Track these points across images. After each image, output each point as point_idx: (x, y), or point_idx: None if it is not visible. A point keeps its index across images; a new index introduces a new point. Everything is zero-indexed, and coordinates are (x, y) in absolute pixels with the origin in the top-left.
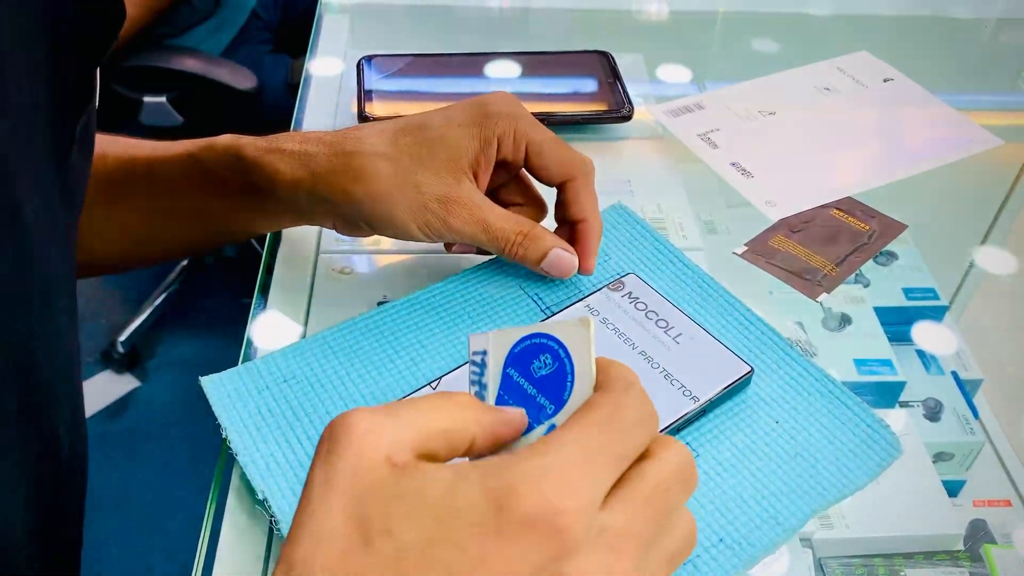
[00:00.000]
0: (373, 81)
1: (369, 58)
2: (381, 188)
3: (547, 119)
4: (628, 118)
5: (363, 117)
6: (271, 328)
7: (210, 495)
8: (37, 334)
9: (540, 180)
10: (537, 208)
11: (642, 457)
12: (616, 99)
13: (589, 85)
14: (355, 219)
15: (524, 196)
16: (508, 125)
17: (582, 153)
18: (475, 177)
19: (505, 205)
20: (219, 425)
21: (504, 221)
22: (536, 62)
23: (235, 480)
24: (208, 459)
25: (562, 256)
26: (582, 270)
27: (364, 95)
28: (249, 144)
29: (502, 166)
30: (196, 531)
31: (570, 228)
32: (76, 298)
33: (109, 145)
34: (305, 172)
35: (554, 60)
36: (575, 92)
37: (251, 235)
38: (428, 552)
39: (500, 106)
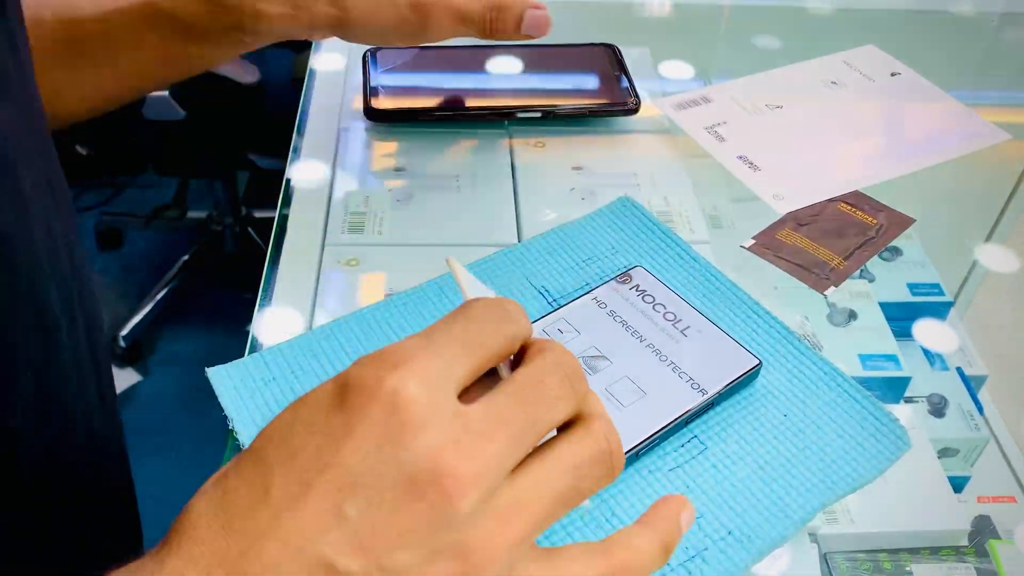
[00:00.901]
0: (379, 75)
1: (374, 52)
2: (362, 11)
3: (553, 112)
4: (635, 111)
5: (369, 111)
6: (277, 320)
7: None
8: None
9: None
10: None
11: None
12: (622, 92)
13: (595, 79)
14: (334, 34)
15: None
16: None
17: None
18: None
19: None
20: (225, 416)
21: (474, 3)
22: (542, 55)
23: None
24: (210, 454)
25: (535, 15)
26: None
27: (370, 90)
28: None
29: None
30: None
31: None
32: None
33: (37, 6)
34: (291, 8)
35: (560, 53)
36: (581, 86)
37: (224, 62)
38: (285, 435)
39: None
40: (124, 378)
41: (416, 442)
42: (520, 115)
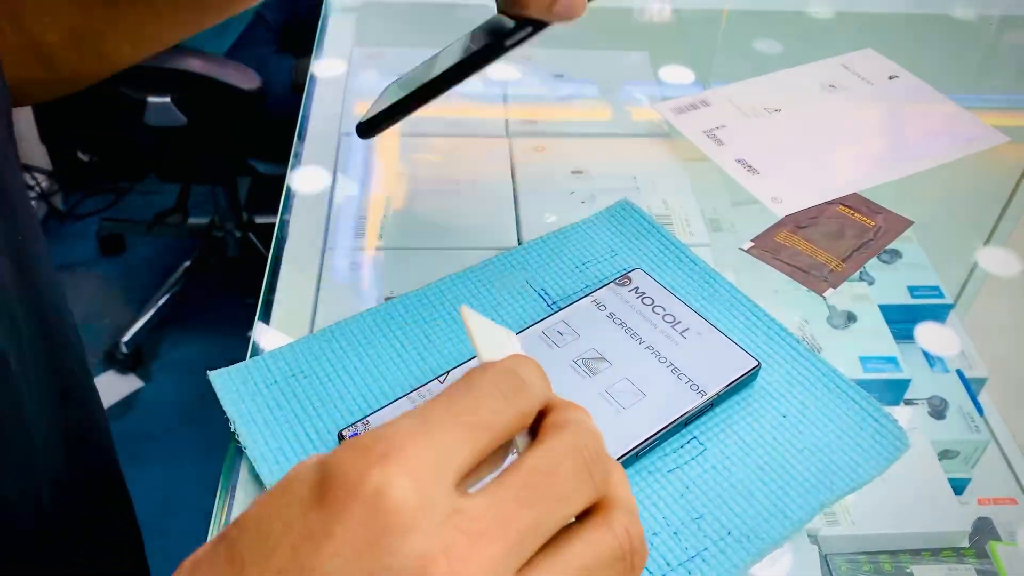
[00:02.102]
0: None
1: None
2: None
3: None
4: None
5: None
6: (278, 324)
7: (219, 488)
8: None
9: None
10: None
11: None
12: None
13: None
14: None
15: None
16: None
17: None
18: None
19: None
20: (227, 419)
21: None
22: None
23: (244, 473)
24: (212, 459)
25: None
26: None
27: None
28: None
29: None
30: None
31: None
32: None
33: None
34: None
35: None
36: None
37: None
38: (261, 530)
39: None
40: (126, 384)
41: (402, 549)
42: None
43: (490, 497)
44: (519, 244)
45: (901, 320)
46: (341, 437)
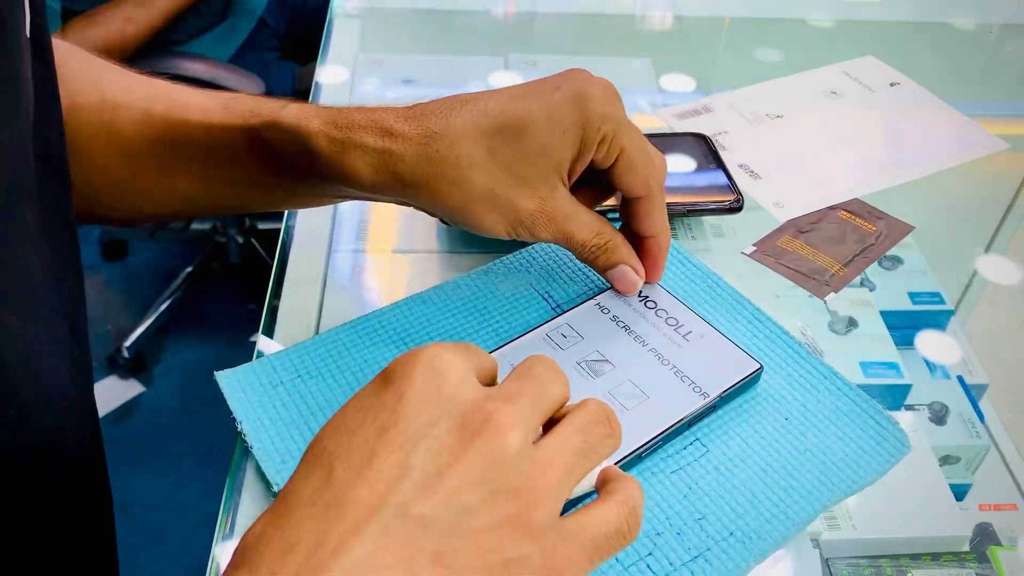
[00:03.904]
0: None
1: None
2: (475, 200)
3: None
4: (738, 209)
5: None
6: (283, 326)
7: (225, 489)
8: None
9: (617, 187)
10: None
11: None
12: (721, 188)
13: (691, 173)
14: (437, 215)
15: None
16: (610, 129)
17: (657, 157)
18: (570, 175)
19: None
20: (233, 419)
21: (586, 232)
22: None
23: (249, 474)
24: (214, 464)
25: (627, 273)
26: (650, 280)
27: None
28: (320, 133)
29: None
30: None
31: (637, 239)
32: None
33: (150, 99)
34: (389, 176)
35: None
36: (676, 182)
37: (318, 205)
38: (342, 424)
39: (605, 106)
40: (127, 389)
41: (461, 390)
42: (611, 216)
43: (501, 385)
44: (523, 247)
45: (902, 326)
46: None
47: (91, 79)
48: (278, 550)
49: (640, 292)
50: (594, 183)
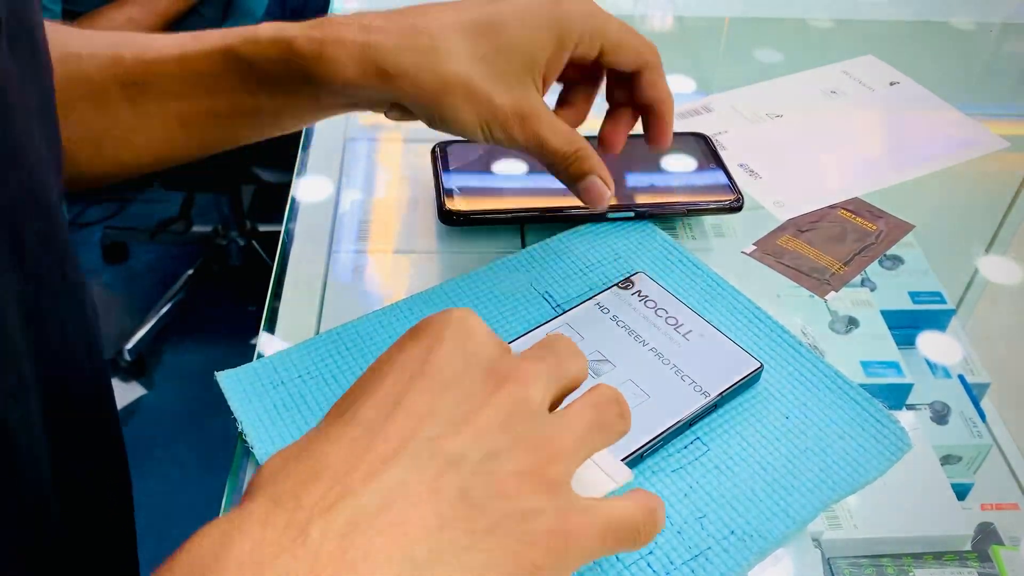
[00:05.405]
0: (451, 174)
1: (443, 146)
2: (453, 91)
3: (648, 213)
4: (738, 208)
5: (445, 215)
6: (284, 327)
7: (226, 490)
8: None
9: (611, 68)
10: (585, 103)
11: None
12: (721, 188)
13: (689, 173)
14: (415, 112)
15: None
16: (584, 25)
17: (645, 38)
18: (544, 79)
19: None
20: (234, 420)
21: (559, 139)
22: (630, 146)
23: (250, 475)
24: (215, 467)
25: (596, 183)
26: (661, 145)
27: (444, 191)
28: (301, 36)
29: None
30: None
31: (643, 110)
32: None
33: (118, 46)
34: (373, 70)
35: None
36: (674, 182)
37: (298, 128)
38: (372, 378)
39: (580, 4)
40: (129, 391)
41: (487, 347)
42: (611, 215)
43: (527, 350)
44: (523, 247)
45: (903, 325)
46: None
47: (54, 39)
48: (301, 479)
49: (640, 291)
50: (572, 101)
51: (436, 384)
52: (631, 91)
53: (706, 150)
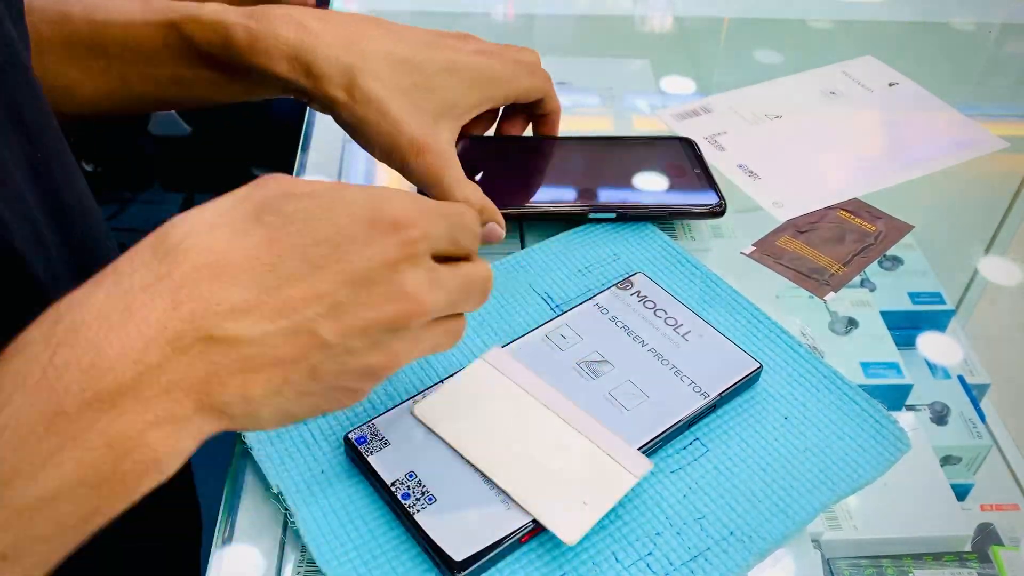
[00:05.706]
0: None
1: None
2: (370, 112)
3: (628, 215)
4: (720, 213)
5: None
6: None
7: (224, 491)
8: None
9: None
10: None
11: None
12: (703, 192)
13: (672, 176)
14: (334, 119)
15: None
16: (508, 89)
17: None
18: (455, 125)
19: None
20: None
21: (456, 189)
22: (614, 149)
23: (249, 476)
24: (212, 466)
25: (494, 229)
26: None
27: None
28: (238, 24)
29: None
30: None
31: (536, 117)
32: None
33: (67, 3)
34: (302, 69)
35: (634, 146)
36: (658, 185)
37: (237, 100)
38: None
39: (505, 68)
40: None
41: (361, 195)
42: (592, 216)
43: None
44: (522, 248)
45: (902, 326)
46: (347, 440)
47: None
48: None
49: (639, 292)
50: (480, 117)
51: (320, 234)
52: (528, 104)
53: (691, 154)
